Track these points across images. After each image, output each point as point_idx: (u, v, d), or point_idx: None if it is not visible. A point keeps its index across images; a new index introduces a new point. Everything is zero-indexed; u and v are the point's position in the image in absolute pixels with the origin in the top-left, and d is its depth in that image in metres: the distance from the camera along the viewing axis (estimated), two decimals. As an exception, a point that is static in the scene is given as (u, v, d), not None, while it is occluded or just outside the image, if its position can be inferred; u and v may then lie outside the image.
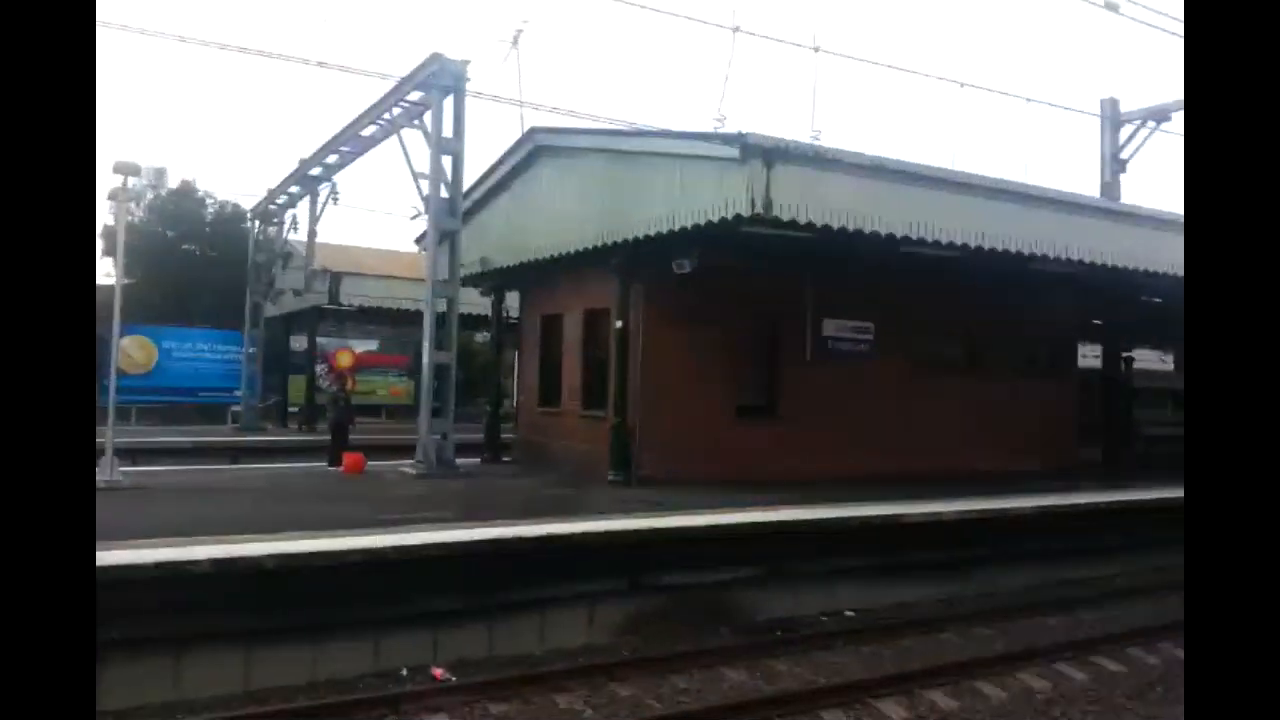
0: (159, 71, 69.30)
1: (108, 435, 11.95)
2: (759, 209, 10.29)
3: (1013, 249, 12.20)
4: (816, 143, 11.68)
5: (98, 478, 11.45)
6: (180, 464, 16.76)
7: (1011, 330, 17.02)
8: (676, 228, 11.67)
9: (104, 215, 38.69)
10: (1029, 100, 27.42)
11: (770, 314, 14.65)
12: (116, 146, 58.07)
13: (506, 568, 8.40)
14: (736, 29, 15.06)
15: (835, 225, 10.82)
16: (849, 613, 10.10)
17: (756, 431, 14.07)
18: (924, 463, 14.63)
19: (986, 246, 11.95)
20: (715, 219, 10.91)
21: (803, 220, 10.59)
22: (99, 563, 6.89)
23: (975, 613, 10.13)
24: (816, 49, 16.49)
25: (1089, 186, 20.06)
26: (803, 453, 13.92)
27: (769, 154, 10.34)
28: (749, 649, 8.46)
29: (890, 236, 11.22)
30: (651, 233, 12.17)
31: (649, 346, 13.42)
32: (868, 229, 11.00)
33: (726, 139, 10.83)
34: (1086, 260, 12.90)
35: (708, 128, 12.06)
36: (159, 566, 7.04)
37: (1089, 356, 20.89)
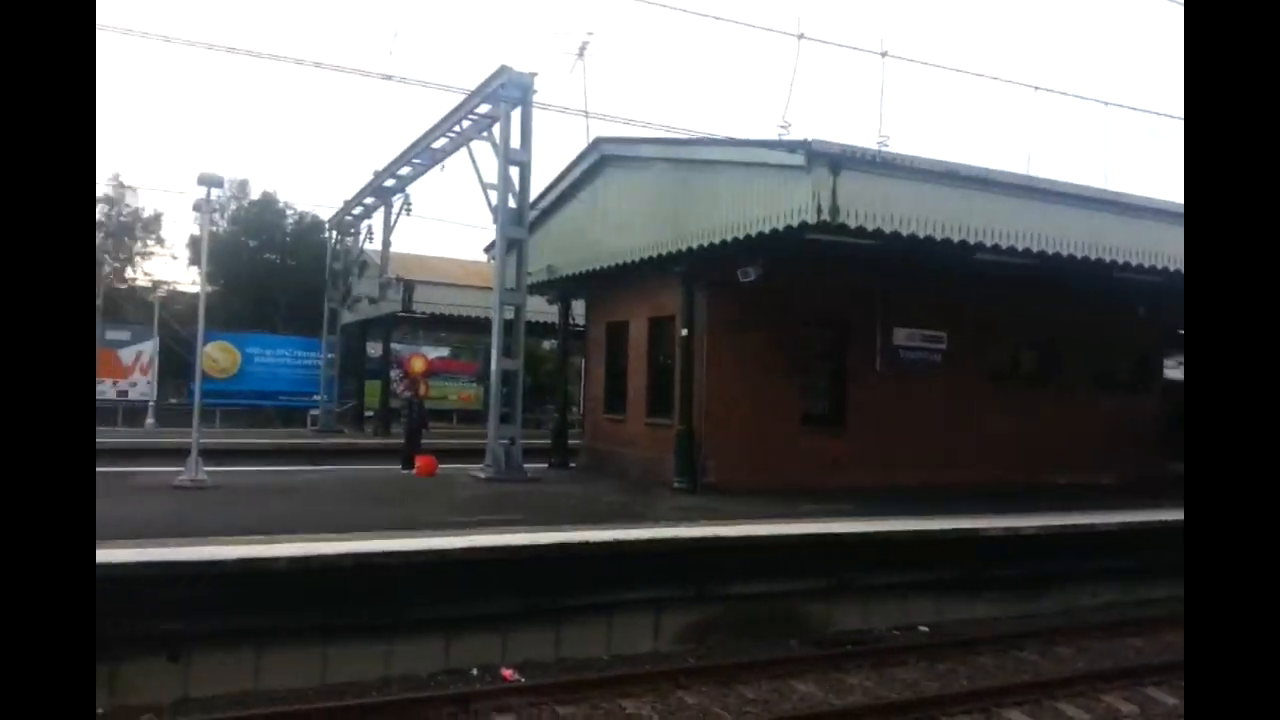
0: (242, 86, 72.37)
1: (193, 436, 12.51)
2: (825, 216, 10.20)
3: (1093, 256, 11.80)
4: (884, 149, 11.51)
5: (184, 477, 12.01)
6: (261, 465, 17.38)
7: (1092, 340, 16.44)
8: (741, 235, 11.65)
9: (190, 225, 40.62)
10: (1107, 104, 26.38)
11: (838, 322, 14.48)
12: (201, 158, 60.83)
13: (573, 572, 8.48)
14: (801, 35, 14.92)
15: (905, 232, 10.65)
16: (923, 628, 9.89)
17: (824, 441, 13.90)
18: (1000, 476, 14.23)
19: (1065, 254, 11.59)
20: (780, 227, 10.86)
21: (870, 227, 10.46)
22: (187, 557, 7.26)
23: (1055, 630, 9.79)
24: (884, 54, 16.24)
25: (1174, 193, 19.27)
26: (872, 463, 13.69)
27: (834, 160, 10.25)
28: (818, 661, 8.36)
29: (963, 243, 10.98)
30: (716, 240, 12.17)
31: (714, 354, 13.41)
32: (939, 236, 10.79)
33: (791, 146, 10.77)
34: (1172, 269, 12.39)
35: (773, 135, 11.99)
36: (240, 563, 7.33)
37: (1177, 368, 20.02)
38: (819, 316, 14.36)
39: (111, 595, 6.88)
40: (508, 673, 7.82)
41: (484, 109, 15.78)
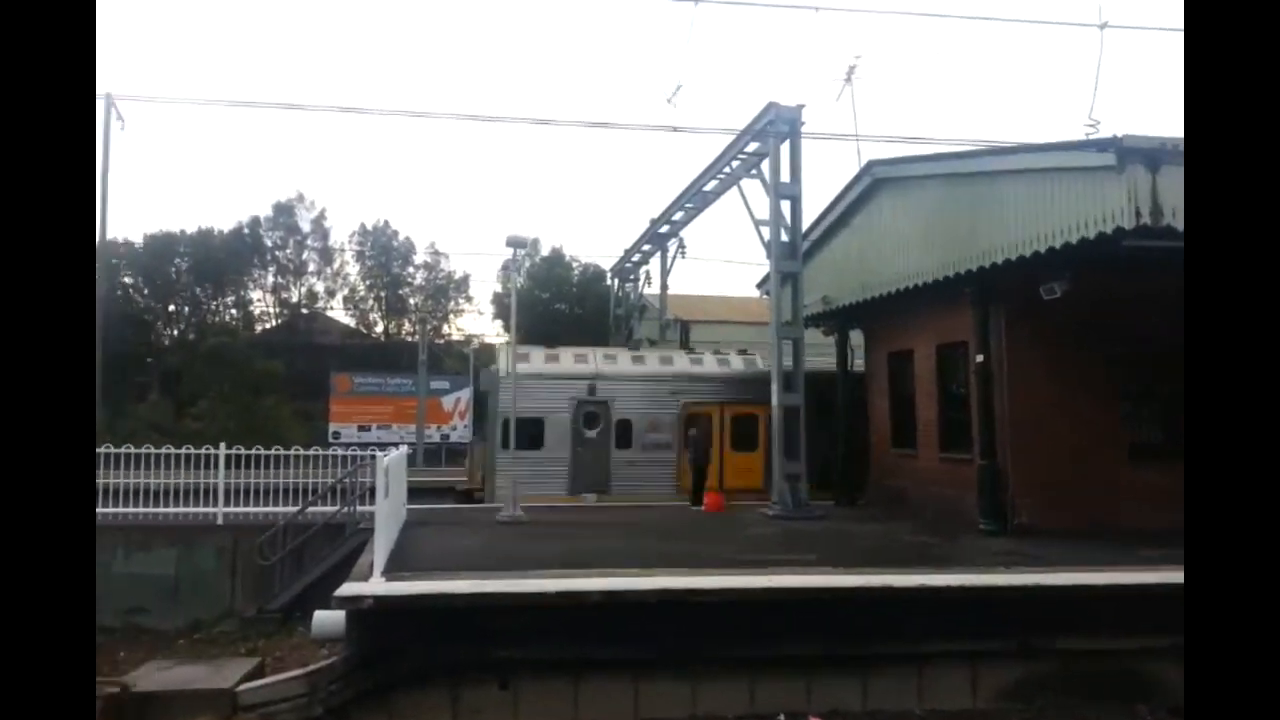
0: (530, 151, 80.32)
1: (511, 478, 13.77)
2: (1145, 219, 9.05)
3: None
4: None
5: (505, 513, 13.23)
6: (565, 501, 18.64)
7: None
8: (1042, 249, 10.62)
9: (492, 283, 45.44)
10: None
11: (1167, 338, 12.65)
12: (498, 222, 68.04)
13: (878, 617, 8.09)
14: (1104, 25, 13.53)
15: (1251, 228, 9.08)
16: (1312, 701, 8.16)
17: (1160, 475, 12.09)
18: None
19: None
20: (1090, 235, 9.76)
21: (1205, 227, 9.05)
22: (514, 589, 7.91)
23: None
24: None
25: None
26: (1223, 499, 11.67)
27: (1152, 156, 9.07)
28: (1176, 734, 7.19)
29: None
30: (1011, 256, 11.20)
31: (1016, 381, 12.28)
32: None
33: (1100, 145, 9.67)
34: None
35: (1077, 135, 10.86)
36: (560, 595, 7.85)
37: None
38: (1142, 332, 12.64)
39: (452, 623, 7.73)
40: (815, 720, 7.61)
41: (752, 147, 16.06)
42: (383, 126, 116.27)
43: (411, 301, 46.75)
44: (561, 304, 40.58)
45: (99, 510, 12.80)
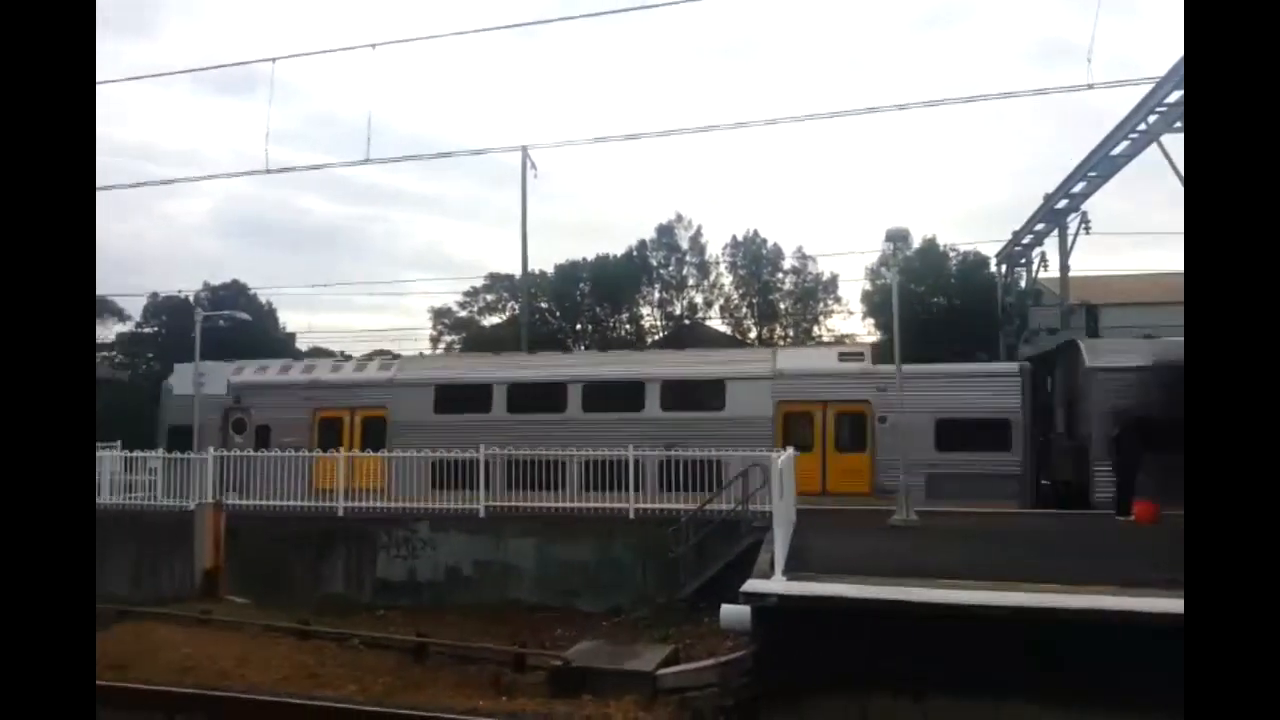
0: (899, 140, 77.60)
1: (901, 480, 13.30)
2: None
3: None
4: None
5: (898, 516, 12.79)
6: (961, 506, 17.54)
7: None
8: None
9: (859, 282, 44.61)
10: None
11: None
12: (873, 220, 66.55)
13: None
14: None
15: None
16: None
17: None
18: None
19: None
20: None
21: None
22: (921, 598, 7.59)
23: None
24: None
25: None
26: None
27: None
28: None
29: None
30: None
31: None
32: None
33: None
34: None
35: None
36: (972, 608, 7.33)
37: None
38: None
39: (856, 627, 7.62)
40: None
41: (1174, 97, 13.76)
42: (746, 140, 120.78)
43: (781, 306, 47.69)
44: (939, 296, 38.39)
45: (537, 505, 15.01)
